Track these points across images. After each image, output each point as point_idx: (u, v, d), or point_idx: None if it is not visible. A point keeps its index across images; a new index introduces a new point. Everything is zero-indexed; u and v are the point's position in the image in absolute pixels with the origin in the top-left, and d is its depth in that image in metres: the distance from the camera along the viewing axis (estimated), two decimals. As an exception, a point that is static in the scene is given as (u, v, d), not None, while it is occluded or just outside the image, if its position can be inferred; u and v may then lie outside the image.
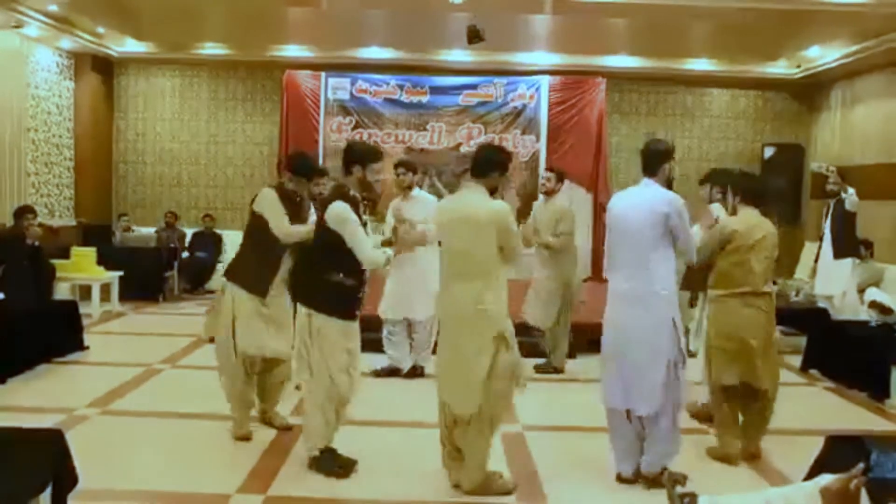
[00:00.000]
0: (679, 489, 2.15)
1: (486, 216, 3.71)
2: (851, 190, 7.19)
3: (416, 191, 6.25)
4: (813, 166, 7.68)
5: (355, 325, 4.18)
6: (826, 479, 1.94)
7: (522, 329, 6.70)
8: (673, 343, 3.87)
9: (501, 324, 3.74)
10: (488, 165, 3.86)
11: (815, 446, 3.56)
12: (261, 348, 4.58)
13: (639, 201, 3.98)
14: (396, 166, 6.33)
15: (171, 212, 11.26)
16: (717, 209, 5.17)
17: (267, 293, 4.56)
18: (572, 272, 6.57)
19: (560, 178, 6.56)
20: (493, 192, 3.86)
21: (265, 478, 4.05)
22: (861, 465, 1.69)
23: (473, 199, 3.81)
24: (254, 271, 4.57)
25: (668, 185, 3.97)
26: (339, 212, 3.94)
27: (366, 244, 3.99)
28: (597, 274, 10.03)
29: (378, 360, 6.40)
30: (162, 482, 3.99)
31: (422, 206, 5.97)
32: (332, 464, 4.08)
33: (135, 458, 4.33)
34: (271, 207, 4.50)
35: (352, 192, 4.05)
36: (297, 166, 4.71)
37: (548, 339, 6.65)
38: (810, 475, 3.07)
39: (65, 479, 3.22)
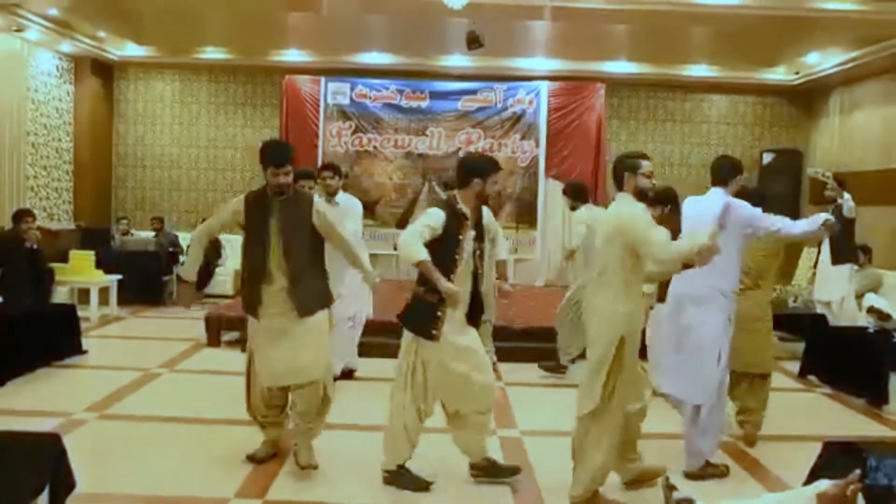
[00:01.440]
0: (676, 495, 2.15)
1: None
2: (848, 196, 7.21)
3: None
4: (810, 171, 7.68)
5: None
6: (823, 484, 1.95)
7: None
8: (727, 340, 4.21)
9: None
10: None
11: (813, 452, 3.57)
12: (273, 377, 4.13)
13: (710, 206, 4.32)
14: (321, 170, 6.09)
15: (156, 217, 11.19)
16: None
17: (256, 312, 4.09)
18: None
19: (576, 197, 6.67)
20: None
21: (263, 482, 4.05)
22: (857, 472, 1.69)
23: None
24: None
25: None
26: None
27: None
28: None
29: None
30: (160, 486, 3.99)
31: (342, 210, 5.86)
32: (409, 481, 4.02)
33: (132, 463, 4.32)
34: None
35: (459, 206, 3.92)
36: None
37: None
38: (808, 481, 3.07)
39: (62, 482, 3.22)
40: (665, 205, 5.78)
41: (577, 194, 6.67)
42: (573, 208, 6.70)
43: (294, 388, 4.12)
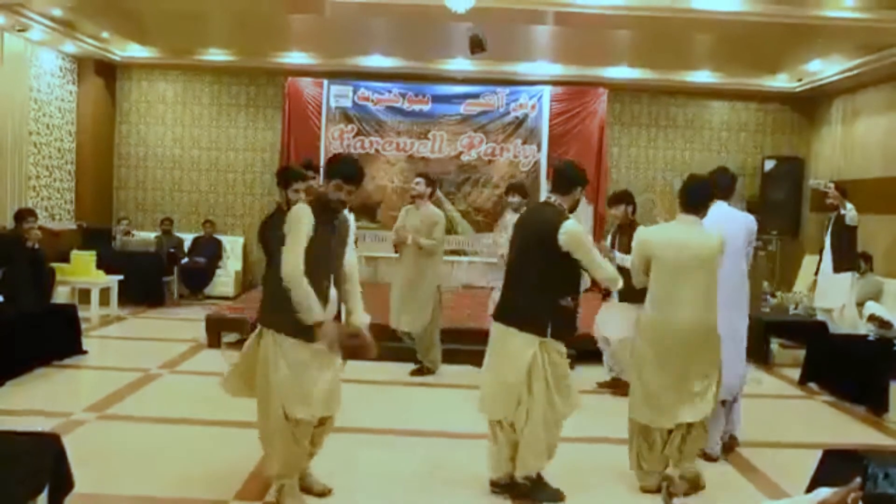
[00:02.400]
0: (677, 501, 2.14)
1: None
2: (850, 205, 7.21)
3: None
4: (812, 183, 7.70)
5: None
6: (823, 492, 1.94)
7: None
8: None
9: None
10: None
11: (813, 460, 3.57)
12: (327, 404, 3.74)
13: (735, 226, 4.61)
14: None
15: (167, 218, 11.26)
16: None
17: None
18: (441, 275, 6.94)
19: (429, 185, 6.78)
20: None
21: (262, 484, 4.02)
22: (858, 480, 1.68)
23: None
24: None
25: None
26: (574, 231, 3.80)
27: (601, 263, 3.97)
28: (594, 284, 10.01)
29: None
30: (159, 488, 3.98)
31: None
32: (546, 491, 3.94)
33: (131, 464, 4.31)
34: None
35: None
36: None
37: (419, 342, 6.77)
38: (809, 489, 3.06)
39: (61, 483, 3.21)
40: (628, 204, 6.23)
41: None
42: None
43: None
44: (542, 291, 3.77)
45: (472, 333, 6.82)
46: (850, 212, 7.09)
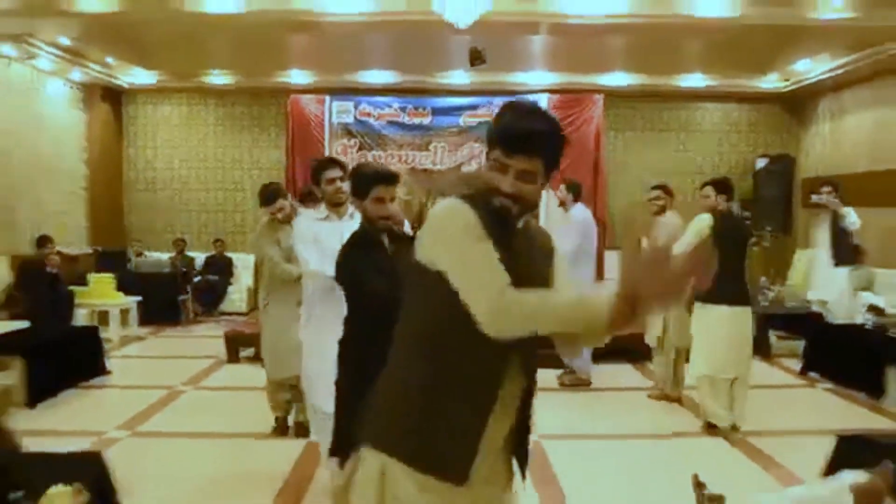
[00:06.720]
0: (706, 491, 2.23)
1: None
2: (849, 210, 7.38)
3: None
4: (813, 198, 7.79)
5: None
6: (848, 476, 2.03)
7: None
8: None
9: None
10: None
11: (821, 445, 3.65)
12: None
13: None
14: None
15: (180, 238, 11.36)
16: None
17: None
18: None
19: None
20: None
21: (296, 496, 4.10)
22: (890, 464, 1.77)
23: None
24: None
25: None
26: None
27: None
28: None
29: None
30: (198, 500, 4.07)
31: None
32: None
33: (168, 478, 4.39)
34: None
35: None
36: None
37: None
38: (827, 473, 3.16)
39: (107, 499, 3.29)
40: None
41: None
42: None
43: None
44: None
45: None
46: (849, 216, 7.26)
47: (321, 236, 3.67)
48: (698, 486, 2.31)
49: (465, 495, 1.72)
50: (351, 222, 3.56)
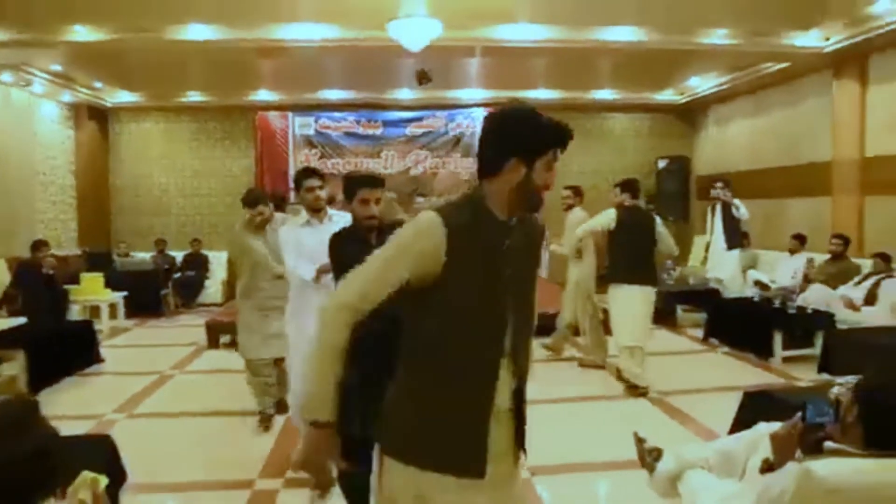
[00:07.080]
0: (646, 445, 2.25)
1: None
2: (738, 202, 7.61)
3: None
4: (713, 193, 7.97)
5: None
6: (763, 427, 2.06)
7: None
8: None
9: None
10: None
11: (725, 400, 3.71)
12: None
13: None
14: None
15: (161, 239, 10.97)
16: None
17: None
18: None
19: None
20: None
21: (281, 465, 4.00)
22: (799, 415, 1.81)
23: None
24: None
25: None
26: None
27: None
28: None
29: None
30: (193, 473, 3.95)
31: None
32: None
33: (165, 454, 4.24)
34: None
35: None
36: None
37: None
38: (735, 424, 3.23)
39: (117, 475, 3.16)
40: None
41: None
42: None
43: None
44: None
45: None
46: (741, 208, 7.49)
47: (303, 239, 3.58)
48: (639, 441, 2.32)
49: (484, 487, 1.58)
50: (331, 225, 3.48)
